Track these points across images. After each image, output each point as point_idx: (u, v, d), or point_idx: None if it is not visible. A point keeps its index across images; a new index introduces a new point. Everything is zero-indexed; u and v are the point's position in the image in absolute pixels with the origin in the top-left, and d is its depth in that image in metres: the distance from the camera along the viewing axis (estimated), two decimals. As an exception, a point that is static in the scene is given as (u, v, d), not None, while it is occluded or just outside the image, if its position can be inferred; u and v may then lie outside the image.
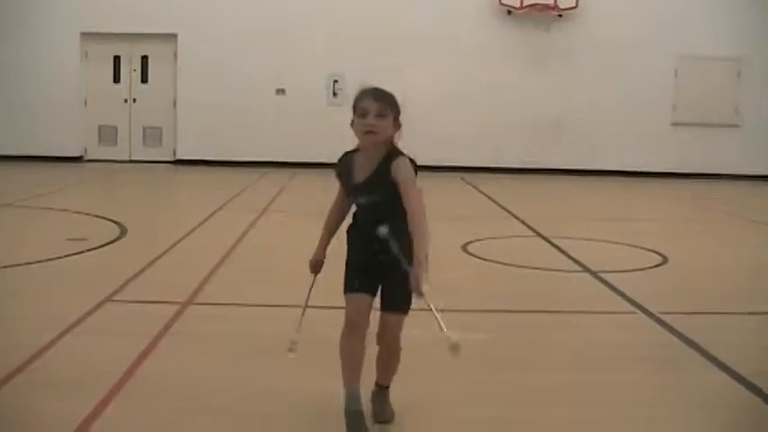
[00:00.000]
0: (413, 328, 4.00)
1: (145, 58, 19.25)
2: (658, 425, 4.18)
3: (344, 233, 3.96)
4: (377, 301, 3.89)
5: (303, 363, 4.91)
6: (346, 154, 3.91)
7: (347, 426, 3.74)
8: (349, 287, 3.87)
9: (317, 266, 4.04)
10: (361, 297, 3.84)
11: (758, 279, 8.15)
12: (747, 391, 4.64)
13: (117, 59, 19.22)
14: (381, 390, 4.09)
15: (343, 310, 3.84)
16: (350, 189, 3.89)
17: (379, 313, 3.89)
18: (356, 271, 3.86)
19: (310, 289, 4.05)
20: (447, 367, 4.94)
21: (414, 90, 18.14)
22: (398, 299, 3.86)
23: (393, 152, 3.78)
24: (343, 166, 3.89)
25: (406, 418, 3.98)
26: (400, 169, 3.72)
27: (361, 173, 3.81)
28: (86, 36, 18.83)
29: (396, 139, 3.81)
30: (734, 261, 9.16)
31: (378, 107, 3.72)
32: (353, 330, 3.83)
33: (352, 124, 3.80)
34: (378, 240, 3.74)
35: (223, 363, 4.91)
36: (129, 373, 4.58)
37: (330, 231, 4.02)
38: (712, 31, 19.14)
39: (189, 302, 6.24)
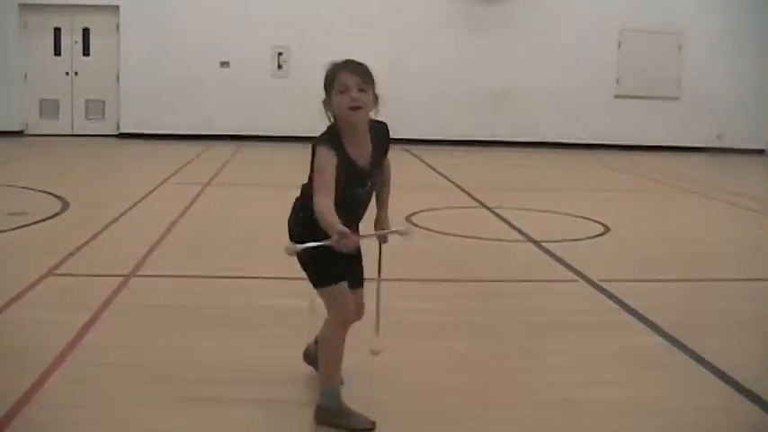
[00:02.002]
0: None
1: (86, 31, 18.90)
2: (596, 387, 4.28)
3: None
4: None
5: (246, 332, 4.97)
6: (329, 139, 3.45)
7: (344, 417, 3.62)
8: (335, 276, 3.58)
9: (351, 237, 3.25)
10: (345, 286, 3.65)
11: (694, 248, 8.32)
12: (680, 352, 4.81)
13: (57, 32, 18.83)
14: None
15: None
16: (353, 176, 3.47)
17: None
18: (340, 256, 3.34)
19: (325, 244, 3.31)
20: (394, 335, 5.02)
21: (362, 60, 18.11)
22: (363, 273, 3.86)
23: (374, 122, 3.59)
24: (341, 154, 3.43)
25: (355, 385, 4.00)
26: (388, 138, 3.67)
27: (361, 157, 3.51)
28: (25, 7, 18.43)
29: (373, 114, 3.56)
30: (672, 231, 9.34)
31: (358, 81, 3.44)
32: (348, 324, 3.69)
33: (325, 103, 3.49)
34: (360, 219, 3.63)
35: (166, 334, 4.90)
36: (72, 345, 4.56)
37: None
38: (656, 3, 19.36)
39: (132, 275, 6.21)
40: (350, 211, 3.52)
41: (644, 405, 4.05)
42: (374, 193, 3.69)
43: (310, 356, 4.09)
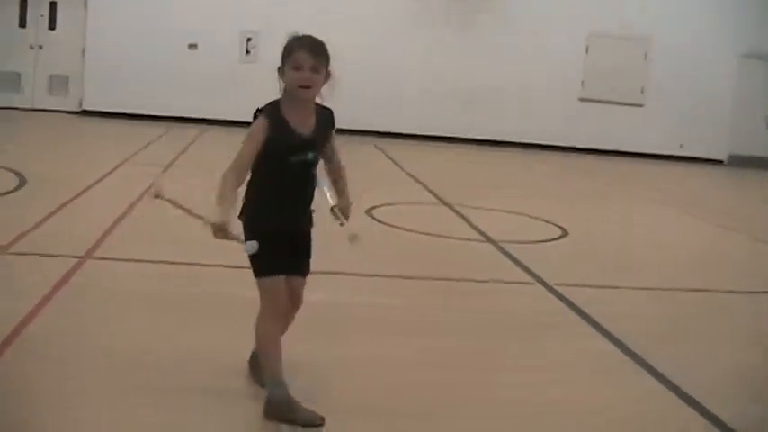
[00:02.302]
0: (318, 291, 4.02)
1: (53, 4, 18.63)
2: (545, 388, 4.33)
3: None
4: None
5: (201, 320, 4.95)
6: (269, 109, 3.61)
7: (292, 412, 3.61)
8: (269, 269, 3.66)
9: (222, 235, 3.44)
10: (282, 278, 3.71)
11: (650, 255, 8.42)
12: (627, 358, 4.88)
13: (24, 3, 18.52)
14: None
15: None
16: (292, 144, 3.59)
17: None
18: (275, 247, 3.56)
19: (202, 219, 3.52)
20: (348, 331, 5.04)
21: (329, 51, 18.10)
22: (308, 262, 3.88)
23: (322, 107, 3.74)
24: (278, 123, 3.58)
25: (317, 383, 4.01)
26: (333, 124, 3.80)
27: (303, 127, 3.63)
28: (-9, -23, 18.17)
29: (326, 89, 3.69)
30: (630, 237, 9.46)
31: (313, 62, 3.57)
32: (280, 316, 3.75)
33: (280, 72, 3.62)
34: (305, 200, 3.71)
35: (120, 320, 4.86)
36: (17, 331, 4.45)
37: (235, 193, 3.53)
38: (623, 10, 19.51)
39: (88, 257, 6.15)
40: (292, 183, 3.66)
41: (589, 410, 4.10)
42: (317, 173, 3.75)
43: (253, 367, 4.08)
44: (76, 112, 18.61)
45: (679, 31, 19.67)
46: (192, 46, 18.43)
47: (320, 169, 3.80)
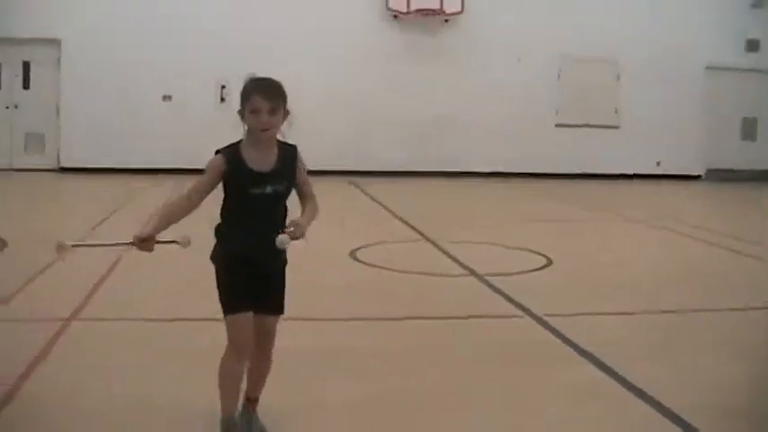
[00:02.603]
0: (287, 337, 4.02)
1: (27, 64, 18.70)
2: (538, 419, 4.35)
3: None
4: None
5: (187, 375, 4.92)
6: (227, 149, 3.80)
7: None
8: (233, 307, 3.76)
9: (144, 246, 3.75)
10: (248, 317, 3.78)
11: (637, 278, 8.44)
12: (620, 386, 4.89)
13: (-3, 64, 18.63)
14: (252, 403, 4.04)
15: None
16: (248, 180, 3.74)
17: (255, 318, 3.83)
18: (239, 285, 3.73)
19: (122, 243, 3.92)
20: (331, 374, 5.03)
21: (301, 94, 18.21)
22: (281, 300, 3.93)
23: (285, 144, 3.87)
24: (233, 160, 3.76)
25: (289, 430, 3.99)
26: (303, 163, 3.92)
27: (261, 163, 3.78)
28: (-36, 41, 18.20)
29: (285, 126, 3.83)
30: (615, 260, 9.48)
31: (269, 105, 3.72)
32: (243, 355, 3.79)
33: (240, 114, 3.78)
34: (271, 233, 3.71)
35: (110, 378, 4.84)
36: (11, 395, 4.46)
37: (172, 219, 3.77)
38: (594, 33, 19.73)
39: (73, 318, 6.12)
40: (254, 213, 3.78)
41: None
42: (282, 203, 3.86)
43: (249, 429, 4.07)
44: (54, 170, 18.60)
45: (649, 49, 19.90)
46: (167, 97, 18.49)
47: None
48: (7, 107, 18.68)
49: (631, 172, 20.12)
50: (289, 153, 3.87)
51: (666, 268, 9.17)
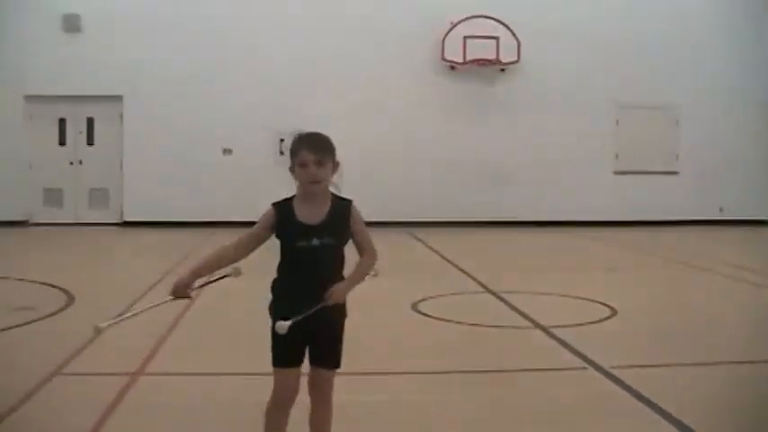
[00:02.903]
0: (349, 390, 4.01)
1: (90, 120, 19.16)
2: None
3: None
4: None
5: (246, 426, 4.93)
6: (282, 202, 3.96)
7: None
8: (279, 361, 3.91)
9: (179, 291, 3.96)
10: (295, 371, 3.91)
11: (703, 328, 8.29)
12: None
13: (62, 122, 19.11)
14: None
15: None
16: (296, 233, 3.86)
17: (311, 369, 3.95)
18: (286, 340, 3.80)
19: (155, 305, 4.09)
20: (395, 428, 4.99)
21: (359, 145, 18.43)
22: (335, 354, 3.97)
23: (339, 198, 3.96)
24: (284, 213, 3.91)
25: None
26: (359, 217, 3.97)
27: (310, 216, 3.88)
28: (31, 99, 18.70)
29: (335, 179, 3.94)
30: (680, 310, 9.32)
31: (316, 158, 3.84)
32: (286, 406, 3.93)
33: (291, 170, 3.92)
34: (320, 286, 3.81)
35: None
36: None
37: (219, 264, 4.00)
38: (652, 79, 19.63)
39: (141, 372, 6.19)
40: (302, 265, 3.87)
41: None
42: (333, 257, 3.92)
43: None
44: (118, 224, 18.92)
45: (710, 94, 19.73)
46: (227, 151, 18.77)
47: None
48: (71, 163, 19.11)
49: (693, 218, 19.84)
50: (341, 207, 3.94)
51: (735, 317, 8.98)
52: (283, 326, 3.69)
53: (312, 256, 3.87)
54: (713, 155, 19.96)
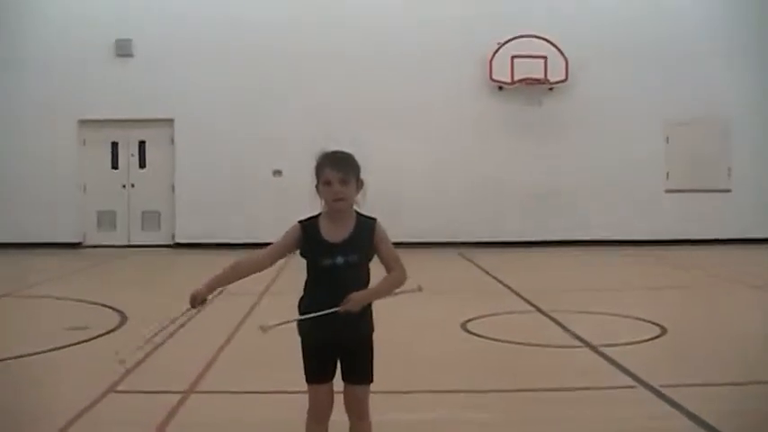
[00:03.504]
0: (398, 409, 4.03)
1: (142, 144, 19.47)
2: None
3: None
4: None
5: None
6: (307, 220, 4.05)
7: None
8: (310, 377, 4.02)
9: (196, 301, 4.13)
10: (326, 387, 3.99)
11: (756, 346, 8.17)
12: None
13: (115, 145, 19.43)
14: None
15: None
16: (321, 250, 3.94)
17: (344, 385, 4.04)
18: (318, 356, 3.98)
19: (175, 319, 4.22)
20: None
21: (408, 165, 18.50)
22: (364, 370, 4.02)
23: (364, 216, 4.01)
24: (309, 231, 3.99)
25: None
26: (383, 234, 4.00)
27: (335, 234, 3.95)
28: (84, 123, 19.06)
29: (359, 197, 3.99)
30: (733, 329, 9.19)
31: (340, 176, 3.91)
32: (323, 419, 4.04)
33: (317, 188, 4.00)
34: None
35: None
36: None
37: (236, 275, 4.15)
38: (700, 94, 19.42)
39: (191, 391, 6.27)
40: (324, 281, 3.96)
41: None
42: (358, 274, 3.97)
43: None
44: (170, 245, 19.16)
45: (761, 106, 19.47)
46: (277, 172, 18.92)
47: None
48: (124, 186, 19.41)
49: (745, 236, 19.52)
50: (366, 225, 3.98)
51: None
52: (265, 326, 3.87)
53: (336, 274, 3.93)
54: (767, 171, 19.64)
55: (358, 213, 4.01)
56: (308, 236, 3.99)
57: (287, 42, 18.86)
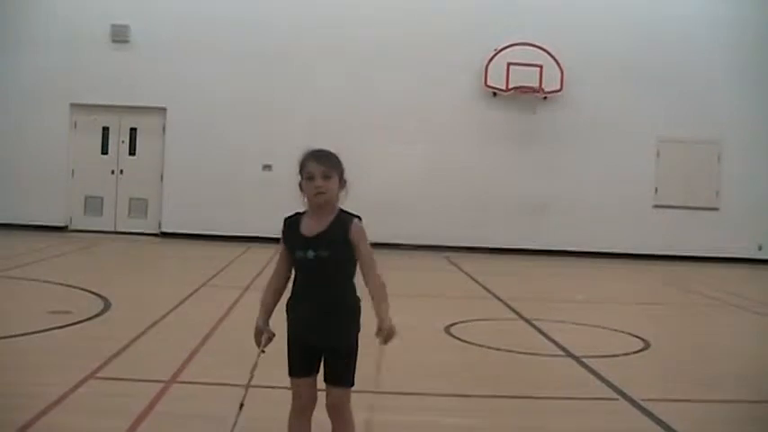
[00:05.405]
0: (381, 411, 4.03)
1: (133, 131, 19.38)
2: None
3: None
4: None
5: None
6: (292, 216, 4.10)
7: None
8: (292, 371, 4.08)
9: (260, 337, 4.12)
10: (305, 381, 4.04)
11: (739, 365, 8.19)
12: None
13: (106, 131, 19.34)
14: None
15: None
16: (297, 244, 4.00)
17: (325, 386, 4.06)
18: (297, 351, 4.05)
19: (254, 367, 4.17)
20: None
21: (400, 170, 18.49)
22: (342, 372, 4.02)
23: (344, 213, 4.01)
24: (290, 225, 4.06)
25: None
26: (360, 233, 3.98)
27: (311, 228, 3.99)
28: (76, 107, 18.98)
29: (341, 196, 4.02)
30: (715, 346, 9.23)
31: (322, 170, 3.94)
32: (302, 413, 4.09)
33: (300, 186, 4.02)
34: (319, 302, 3.95)
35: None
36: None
37: (272, 299, 4.14)
38: (694, 113, 19.50)
39: (173, 381, 6.24)
40: (300, 275, 4.06)
41: None
42: (330, 271, 3.98)
43: None
44: (155, 234, 19.09)
45: (752, 129, 19.55)
46: (267, 167, 18.86)
47: None
48: (113, 172, 19.33)
49: (731, 255, 19.61)
50: (342, 222, 3.99)
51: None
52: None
53: (306, 269, 4.00)
54: (755, 191, 19.71)
55: (341, 210, 4.02)
56: (290, 229, 4.06)
57: (283, 38, 18.84)
